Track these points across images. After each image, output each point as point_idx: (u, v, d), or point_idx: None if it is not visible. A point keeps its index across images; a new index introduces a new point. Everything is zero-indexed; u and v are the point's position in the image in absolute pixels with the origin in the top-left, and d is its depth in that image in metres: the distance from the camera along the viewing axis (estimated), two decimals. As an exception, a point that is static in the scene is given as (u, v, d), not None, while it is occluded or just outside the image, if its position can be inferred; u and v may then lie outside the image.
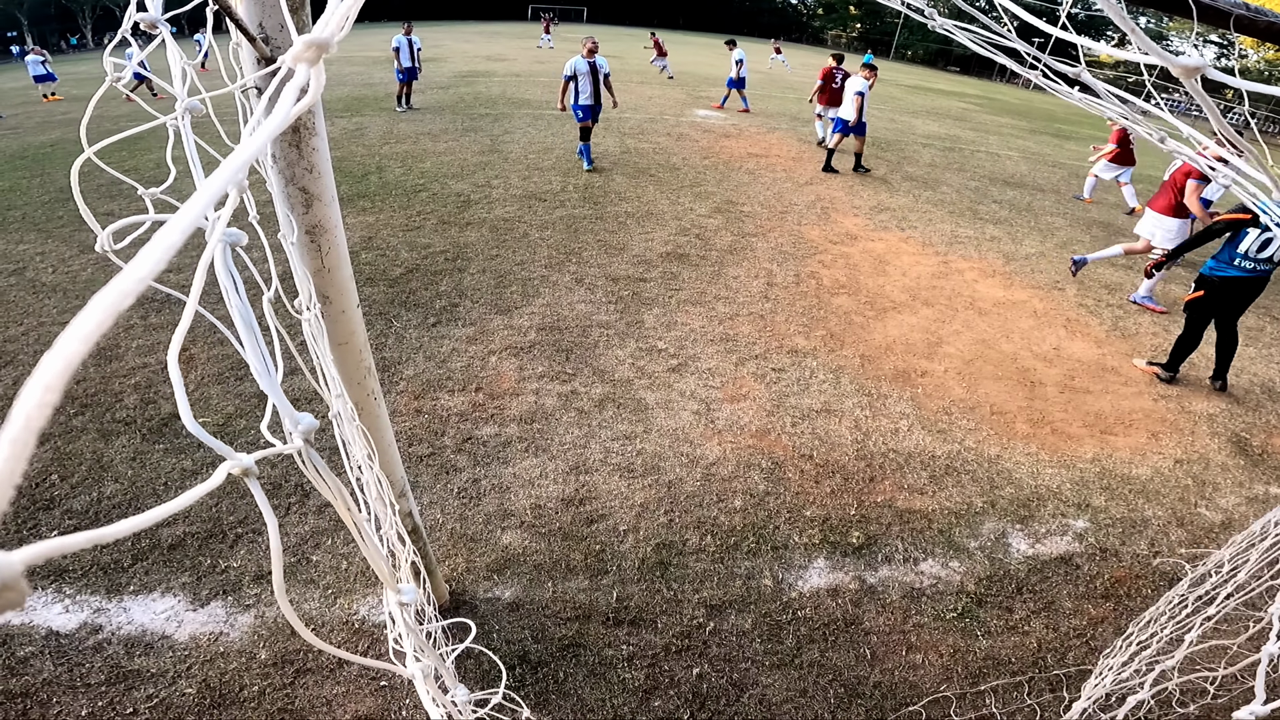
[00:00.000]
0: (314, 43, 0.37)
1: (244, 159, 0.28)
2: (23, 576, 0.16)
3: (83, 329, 0.17)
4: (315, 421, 0.55)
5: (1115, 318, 6.05)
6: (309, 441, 0.53)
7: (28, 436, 0.15)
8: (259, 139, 0.29)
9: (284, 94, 0.32)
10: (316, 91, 0.36)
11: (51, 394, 0.16)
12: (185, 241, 0.24)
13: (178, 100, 0.74)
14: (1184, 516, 3.64)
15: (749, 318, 5.38)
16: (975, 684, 2.63)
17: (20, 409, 0.16)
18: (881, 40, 55.55)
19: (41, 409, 0.16)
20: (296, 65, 0.36)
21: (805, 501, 3.49)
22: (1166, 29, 40.09)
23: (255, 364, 0.45)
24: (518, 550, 3.07)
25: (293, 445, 0.53)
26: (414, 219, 6.99)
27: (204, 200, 0.23)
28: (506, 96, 14.74)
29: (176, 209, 0.25)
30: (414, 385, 4.19)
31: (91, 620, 2.59)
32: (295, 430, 0.52)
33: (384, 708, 2.38)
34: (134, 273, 0.20)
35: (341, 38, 0.40)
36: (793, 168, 10.32)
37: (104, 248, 0.62)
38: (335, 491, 0.63)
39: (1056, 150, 15.72)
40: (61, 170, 8.27)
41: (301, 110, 0.34)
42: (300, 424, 0.53)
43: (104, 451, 3.47)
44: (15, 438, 0.15)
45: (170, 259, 0.22)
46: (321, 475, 0.60)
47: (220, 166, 0.26)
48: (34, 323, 4.66)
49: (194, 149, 0.68)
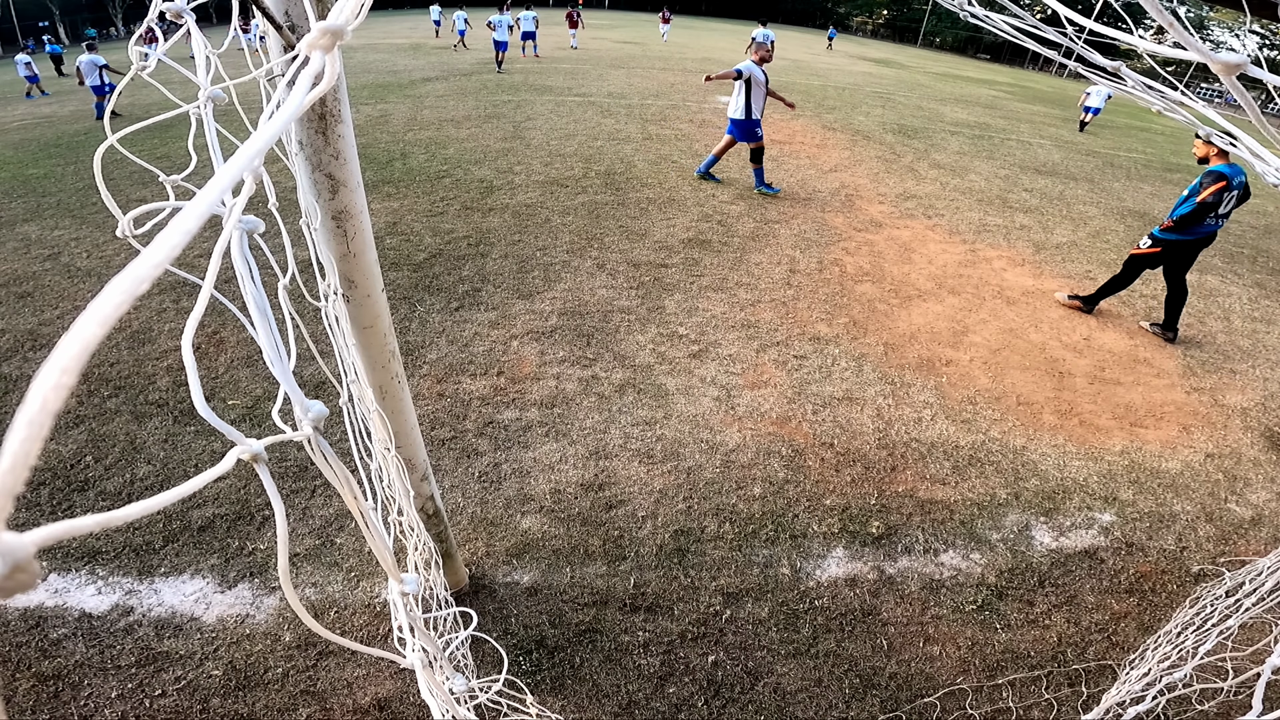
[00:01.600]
0: (329, 29, 0.37)
1: (259, 146, 0.28)
2: (35, 558, 0.17)
3: (100, 313, 0.18)
4: (325, 409, 0.56)
5: (1149, 308, 5.91)
6: (318, 429, 0.54)
7: (43, 419, 0.16)
8: (275, 125, 0.29)
9: (299, 80, 0.33)
10: (331, 78, 0.36)
11: (68, 376, 0.16)
12: (205, 229, 0.24)
13: (200, 89, 0.75)
14: (1213, 512, 3.56)
15: (771, 304, 5.34)
16: (993, 677, 2.61)
17: (36, 391, 0.16)
18: (909, 27, 54.49)
19: (58, 391, 0.16)
20: (312, 52, 0.37)
21: (825, 490, 3.47)
22: (1207, 19, 38.73)
23: (268, 350, 0.45)
24: (537, 535, 3.09)
25: (302, 432, 0.54)
26: (437, 205, 7.02)
27: (220, 187, 0.24)
28: (529, 83, 14.72)
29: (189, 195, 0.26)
30: (437, 369, 4.23)
31: (123, 602, 2.66)
32: (305, 417, 0.53)
33: (403, 690, 2.43)
34: (150, 258, 0.20)
35: (356, 25, 0.40)
36: (816, 154, 10.19)
37: (125, 233, 0.63)
38: (341, 479, 0.64)
39: (1090, 139, 15.35)
40: (94, 158, 8.43)
41: (315, 97, 0.34)
42: (310, 411, 0.54)
43: (137, 433, 3.55)
44: (31, 419, 0.16)
45: (188, 245, 0.22)
46: (329, 462, 0.61)
47: (236, 153, 0.26)
48: (69, 306, 4.78)
49: (215, 136, 0.69)
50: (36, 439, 0.16)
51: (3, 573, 0.16)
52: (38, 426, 0.16)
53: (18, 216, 6.48)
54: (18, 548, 0.16)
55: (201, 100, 0.74)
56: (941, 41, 53.53)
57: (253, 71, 0.99)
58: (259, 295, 0.45)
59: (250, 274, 0.46)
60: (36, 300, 4.84)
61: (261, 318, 0.45)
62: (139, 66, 0.82)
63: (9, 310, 4.68)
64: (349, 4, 0.38)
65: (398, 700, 2.39)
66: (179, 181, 0.76)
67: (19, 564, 0.16)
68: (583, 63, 18.67)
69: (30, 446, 0.16)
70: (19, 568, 0.16)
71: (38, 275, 5.22)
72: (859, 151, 10.59)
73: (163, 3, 0.79)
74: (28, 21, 33.48)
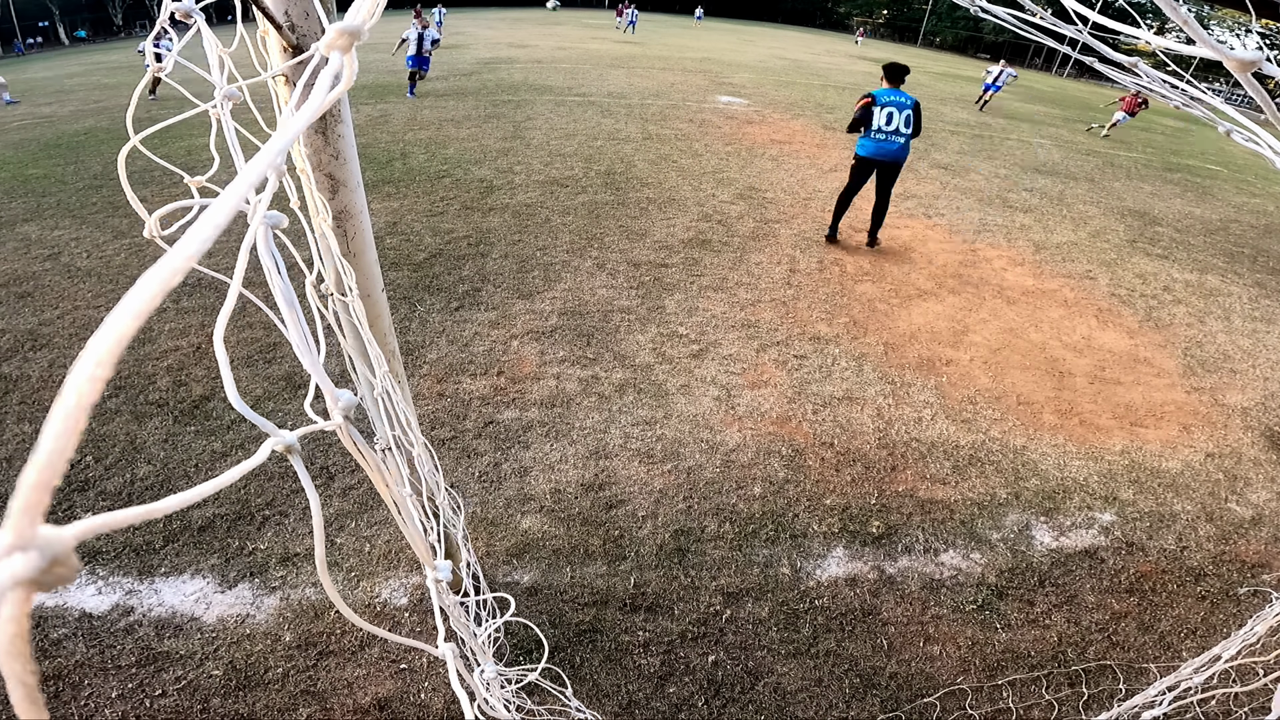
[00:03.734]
0: (346, 30, 0.38)
1: (283, 143, 0.28)
2: (74, 552, 0.17)
3: (134, 305, 0.18)
4: (355, 398, 0.57)
5: (1149, 308, 5.92)
6: (349, 418, 0.55)
7: (79, 412, 0.16)
8: (298, 123, 0.29)
9: (319, 80, 0.33)
10: (350, 78, 0.37)
11: (103, 369, 0.16)
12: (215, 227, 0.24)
13: (216, 88, 0.75)
14: (1214, 512, 3.57)
15: (771, 304, 5.35)
16: (993, 677, 2.61)
17: (72, 383, 0.16)
18: (909, 27, 54.52)
19: (93, 384, 0.16)
20: (330, 52, 0.37)
21: (825, 490, 3.47)
22: (1208, 18, 38.74)
23: (298, 342, 0.46)
24: (537, 535, 3.10)
25: (334, 421, 0.55)
26: (437, 204, 7.03)
27: (247, 182, 0.24)
28: (529, 83, 14.71)
29: (210, 194, 0.26)
30: (437, 369, 4.23)
31: (124, 602, 2.65)
32: (335, 406, 0.54)
33: (404, 689, 2.43)
34: (183, 251, 0.20)
35: (372, 25, 0.41)
36: (817, 154, 10.19)
37: (152, 234, 0.63)
38: (375, 465, 0.64)
39: (1090, 138, 15.36)
40: (94, 158, 8.43)
41: (337, 96, 0.34)
42: (341, 400, 0.54)
43: (137, 433, 3.55)
44: (68, 412, 0.16)
45: (214, 239, 0.22)
46: (360, 450, 0.61)
47: (261, 151, 0.27)
48: (69, 306, 4.78)
49: (234, 135, 0.69)
50: (73, 432, 0.16)
51: (41, 566, 0.16)
52: (73, 420, 0.16)
53: (18, 216, 6.47)
54: (56, 541, 0.16)
55: (218, 99, 0.74)
56: (941, 41, 53.55)
57: (259, 72, 0.99)
58: (287, 289, 0.46)
59: (277, 268, 0.46)
60: (36, 300, 4.83)
61: (290, 310, 0.45)
62: (155, 68, 0.82)
63: (9, 310, 4.68)
64: (364, 4, 0.38)
65: (398, 700, 2.39)
66: (202, 182, 0.76)
67: (57, 558, 0.16)
68: (583, 63, 18.67)
69: (66, 440, 0.16)
70: (58, 561, 0.16)
71: (38, 275, 5.22)
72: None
73: (172, 2, 0.79)
74: (27, 22, 33.41)
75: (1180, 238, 8.17)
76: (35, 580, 0.16)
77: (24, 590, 0.16)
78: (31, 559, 0.16)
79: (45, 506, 0.16)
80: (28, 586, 0.16)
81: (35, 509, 0.15)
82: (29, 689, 0.16)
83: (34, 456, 0.16)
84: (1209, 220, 9.19)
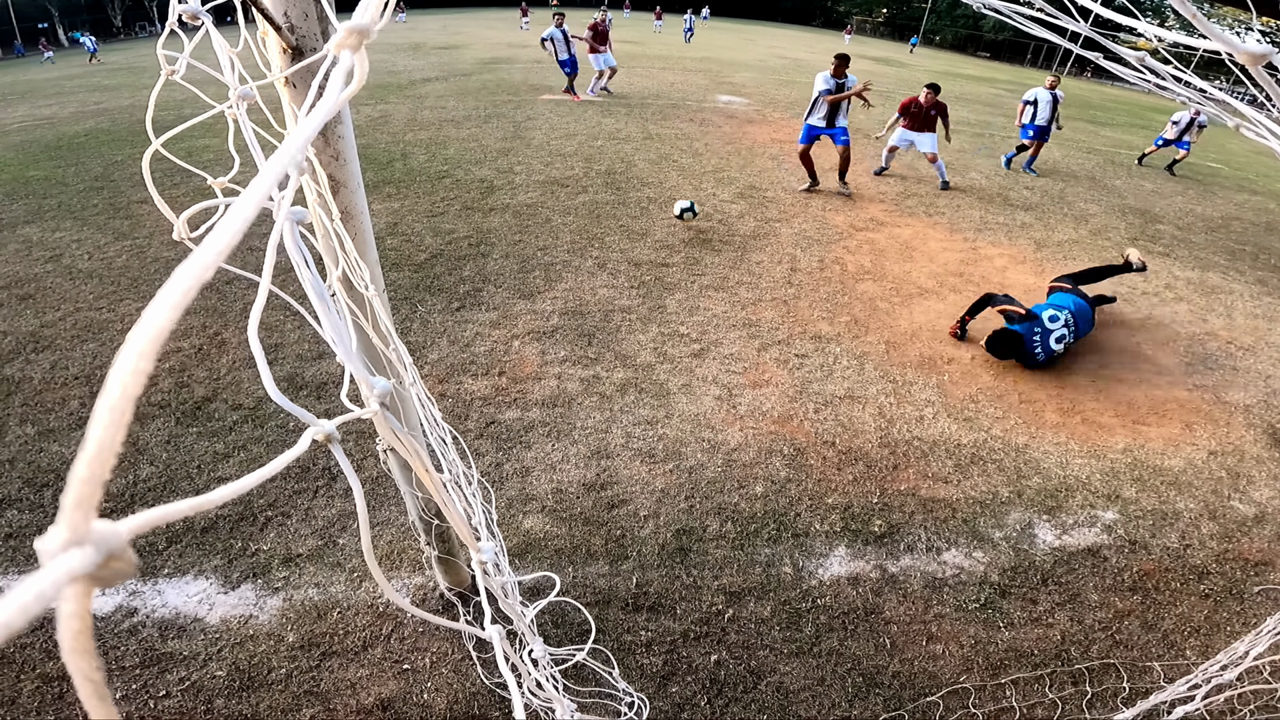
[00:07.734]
0: (355, 29, 0.38)
1: (301, 141, 0.28)
2: (130, 546, 0.17)
3: (171, 298, 0.18)
4: (390, 385, 0.57)
5: (1151, 306, 5.92)
6: (385, 405, 0.55)
7: (125, 404, 0.16)
8: (315, 120, 0.30)
9: (332, 79, 0.33)
10: (361, 77, 0.37)
11: (145, 361, 0.17)
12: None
13: (230, 89, 0.76)
14: (1216, 509, 3.56)
15: (772, 303, 5.35)
16: (996, 676, 2.61)
17: (116, 377, 0.16)
18: (909, 25, 54.47)
19: (136, 376, 0.16)
20: (340, 52, 0.37)
21: (827, 489, 3.47)
22: (1209, 16, 38.74)
23: (332, 333, 0.46)
24: (539, 535, 3.10)
25: (370, 409, 0.55)
26: (438, 205, 7.03)
27: (269, 179, 0.24)
28: (529, 83, 14.72)
29: (231, 194, 0.26)
30: (438, 369, 4.24)
31: (127, 603, 2.66)
32: (371, 394, 0.54)
33: (407, 690, 2.43)
34: (214, 245, 0.20)
35: (382, 25, 0.41)
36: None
37: (181, 235, 0.63)
38: (412, 450, 0.65)
39: (1091, 136, 15.36)
40: (96, 159, 8.44)
41: (350, 95, 0.35)
42: (376, 388, 0.55)
43: (139, 434, 3.55)
44: (113, 405, 0.16)
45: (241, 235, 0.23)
46: (398, 436, 0.62)
47: (280, 148, 0.27)
48: (70, 308, 4.78)
49: (253, 135, 0.70)
50: (120, 425, 0.16)
51: (98, 561, 0.16)
52: (119, 413, 0.16)
53: (19, 218, 6.48)
54: (111, 536, 0.16)
55: (233, 99, 0.74)
56: (941, 40, 53.50)
57: (263, 73, 0.99)
58: (317, 282, 0.46)
59: (305, 261, 0.47)
60: (38, 302, 4.84)
61: (321, 302, 0.46)
62: (169, 70, 0.82)
63: (11, 312, 4.69)
64: (373, 3, 0.38)
65: (401, 700, 2.40)
66: (226, 182, 0.77)
67: (113, 552, 0.16)
68: (582, 62, 18.66)
69: (114, 433, 0.16)
70: (114, 555, 0.16)
71: (39, 277, 5.22)
72: (859, 149, 10.58)
73: (179, 4, 0.80)
74: (26, 24, 33.40)
75: (1181, 235, 8.16)
76: (93, 575, 0.16)
77: (83, 586, 0.16)
78: (88, 554, 0.16)
79: (98, 500, 0.16)
80: (86, 582, 0.16)
81: (88, 503, 0.16)
82: (96, 685, 0.16)
83: (83, 451, 0.16)
84: (1210, 218, 9.18)
